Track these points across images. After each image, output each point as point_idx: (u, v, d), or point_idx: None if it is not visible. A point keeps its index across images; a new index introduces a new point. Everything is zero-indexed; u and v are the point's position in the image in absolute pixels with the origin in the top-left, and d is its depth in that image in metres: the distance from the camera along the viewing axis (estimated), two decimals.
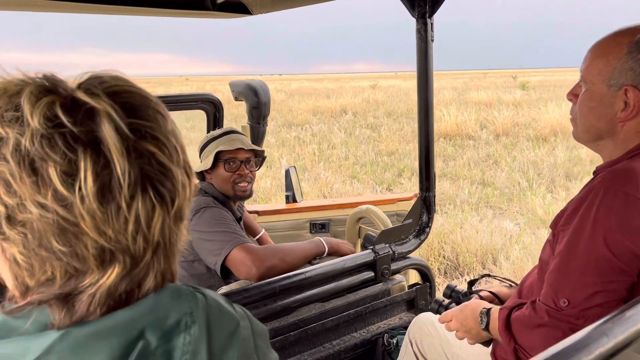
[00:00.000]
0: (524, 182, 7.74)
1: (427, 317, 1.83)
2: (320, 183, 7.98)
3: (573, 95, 1.27)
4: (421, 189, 2.08)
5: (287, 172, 3.45)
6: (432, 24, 1.93)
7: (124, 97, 0.57)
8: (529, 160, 9.40)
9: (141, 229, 0.55)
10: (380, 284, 2.05)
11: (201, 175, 2.16)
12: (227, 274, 1.89)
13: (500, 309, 1.28)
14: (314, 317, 1.86)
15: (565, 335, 1.07)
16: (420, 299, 2.11)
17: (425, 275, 2.15)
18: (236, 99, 2.96)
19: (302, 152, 11.20)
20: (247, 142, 2.14)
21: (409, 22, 1.98)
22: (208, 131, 2.95)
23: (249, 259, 1.79)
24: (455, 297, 1.58)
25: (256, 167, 2.18)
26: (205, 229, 1.89)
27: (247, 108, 2.91)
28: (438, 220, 5.66)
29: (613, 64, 1.14)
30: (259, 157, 2.21)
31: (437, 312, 1.60)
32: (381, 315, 2.03)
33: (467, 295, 1.57)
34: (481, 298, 1.51)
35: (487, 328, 1.33)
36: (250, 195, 2.15)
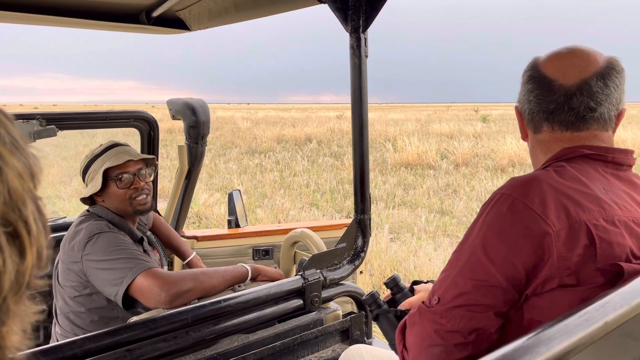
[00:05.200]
0: None
1: (357, 349, 1.70)
2: (276, 210, 7.82)
3: None
4: (356, 211, 1.97)
5: (231, 196, 3.30)
6: (365, 39, 1.86)
7: None
8: (487, 189, 9.49)
9: None
10: (313, 313, 1.91)
11: (91, 199, 1.99)
12: (131, 304, 1.71)
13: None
14: (236, 349, 1.69)
15: (429, 335, 1.04)
16: (355, 329, 1.97)
17: (361, 303, 2.01)
18: (173, 117, 2.81)
19: (263, 179, 11.05)
20: (134, 152, 1.98)
21: (376, 52, 1.90)
22: (142, 152, 2.79)
23: (156, 284, 1.62)
24: (396, 290, 1.48)
25: (151, 177, 2.02)
26: (101, 257, 1.71)
27: (184, 127, 2.77)
28: (392, 247, 5.57)
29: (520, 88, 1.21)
30: (151, 166, 2.05)
31: (369, 306, 1.48)
32: (312, 347, 1.88)
33: (410, 291, 1.49)
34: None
35: None
36: (151, 208, 1.99)
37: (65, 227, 2.81)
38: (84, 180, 2.00)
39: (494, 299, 0.99)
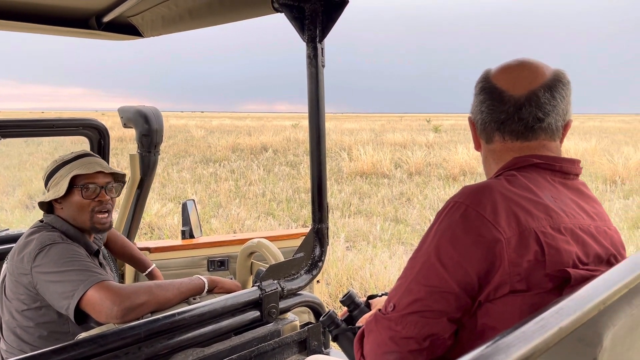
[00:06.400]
0: None
1: (314, 359, 1.69)
2: (232, 220, 7.72)
3: None
4: (314, 220, 1.95)
5: (185, 206, 3.23)
6: (322, 48, 1.86)
7: None
8: (440, 198, 9.71)
9: None
10: (270, 324, 1.88)
11: (48, 206, 1.91)
12: (83, 319, 1.63)
13: None
14: None
15: (384, 342, 1.06)
16: (312, 339, 1.96)
17: (319, 313, 2.00)
18: (125, 125, 2.74)
19: (218, 188, 10.90)
20: (105, 165, 1.93)
21: (334, 62, 1.90)
22: None
23: (108, 297, 1.55)
24: (353, 306, 1.48)
25: (116, 193, 1.97)
26: (52, 269, 1.64)
27: (136, 135, 2.69)
28: (348, 256, 5.60)
29: (473, 99, 1.24)
30: (119, 183, 2.00)
31: (328, 327, 1.47)
32: (269, 359, 1.85)
33: (366, 306, 1.49)
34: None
35: None
36: (110, 227, 1.93)
37: (6, 240, 2.68)
38: (46, 184, 1.92)
39: (447, 304, 1.01)
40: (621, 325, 0.87)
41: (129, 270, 2.75)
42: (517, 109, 1.14)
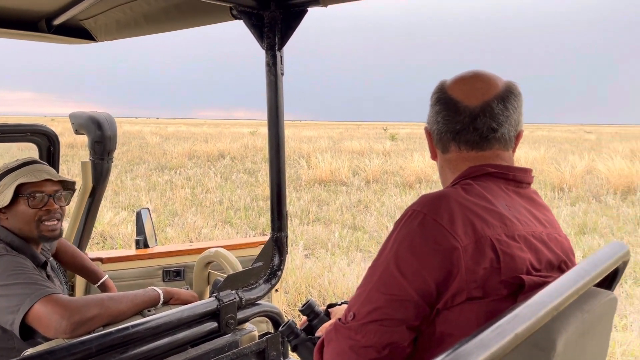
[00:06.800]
0: (391, 226, 8.02)
1: None
2: (188, 228, 7.58)
3: None
4: (273, 228, 1.94)
5: (139, 215, 3.14)
6: (281, 56, 1.86)
7: None
8: (397, 205, 9.85)
9: None
10: (228, 335, 1.84)
11: None
12: (29, 334, 1.56)
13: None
14: None
15: (344, 351, 1.06)
16: (271, 350, 1.93)
17: (277, 322, 1.98)
18: (77, 132, 2.64)
19: (173, 196, 10.69)
20: (53, 172, 1.86)
21: (293, 71, 1.89)
22: None
23: (57, 311, 1.49)
24: (312, 316, 1.47)
25: (66, 202, 1.90)
26: None
27: (88, 142, 2.61)
28: (307, 264, 5.59)
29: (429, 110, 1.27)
30: (69, 191, 1.92)
31: (287, 337, 1.45)
32: None
33: (326, 314, 1.49)
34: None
35: None
36: (60, 235, 1.85)
37: None
38: None
39: (406, 312, 1.02)
40: (573, 331, 0.90)
41: (79, 281, 2.64)
42: (472, 119, 1.16)
